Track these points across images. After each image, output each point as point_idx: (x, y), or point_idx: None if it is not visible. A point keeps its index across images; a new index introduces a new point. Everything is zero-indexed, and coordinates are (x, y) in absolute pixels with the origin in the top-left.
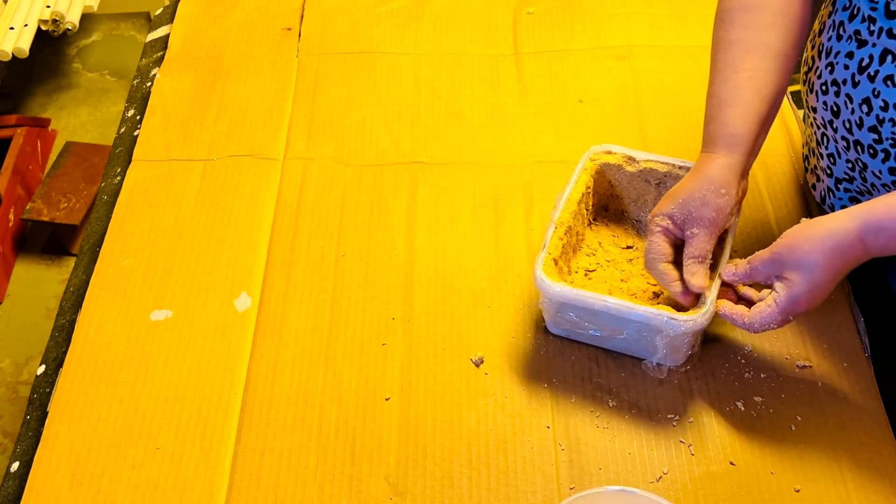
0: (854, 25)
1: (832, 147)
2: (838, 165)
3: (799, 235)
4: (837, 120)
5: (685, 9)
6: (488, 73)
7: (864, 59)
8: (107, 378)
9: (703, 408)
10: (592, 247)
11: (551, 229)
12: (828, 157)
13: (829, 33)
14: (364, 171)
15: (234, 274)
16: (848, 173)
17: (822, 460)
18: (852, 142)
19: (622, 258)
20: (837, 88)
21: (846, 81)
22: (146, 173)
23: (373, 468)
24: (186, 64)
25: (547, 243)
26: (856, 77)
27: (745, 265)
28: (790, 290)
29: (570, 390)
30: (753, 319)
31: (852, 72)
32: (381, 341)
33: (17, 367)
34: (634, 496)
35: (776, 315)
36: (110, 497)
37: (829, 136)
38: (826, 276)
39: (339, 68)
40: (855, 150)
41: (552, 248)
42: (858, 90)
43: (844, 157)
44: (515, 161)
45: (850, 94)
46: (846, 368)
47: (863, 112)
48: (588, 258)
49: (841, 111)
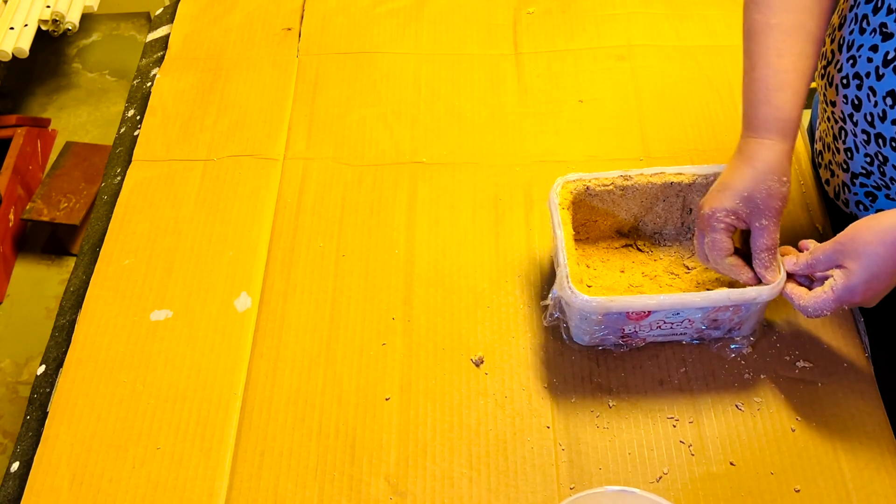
0: (879, 18)
1: (850, 141)
2: (856, 160)
3: (862, 227)
4: (858, 113)
5: (685, 9)
6: (488, 73)
7: (890, 52)
8: (107, 378)
9: (703, 408)
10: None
11: (561, 246)
12: (845, 152)
13: (851, 27)
14: (364, 171)
15: (235, 274)
16: (866, 168)
17: (822, 460)
18: (874, 135)
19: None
20: (860, 81)
21: (869, 74)
22: (146, 173)
23: (373, 468)
24: (186, 64)
25: (565, 260)
26: (880, 70)
27: (808, 256)
28: (848, 279)
29: (570, 390)
30: (808, 303)
31: (876, 64)
32: (381, 341)
33: (17, 367)
34: (634, 496)
35: (831, 302)
36: (110, 497)
37: (847, 131)
38: (885, 269)
39: (339, 68)
40: (876, 143)
41: (571, 263)
42: (882, 83)
43: (863, 151)
44: (515, 161)
45: (874, 86)
46: (846, 368)
47: (886, 105)
48: (588, 270)
49: (863, 104)
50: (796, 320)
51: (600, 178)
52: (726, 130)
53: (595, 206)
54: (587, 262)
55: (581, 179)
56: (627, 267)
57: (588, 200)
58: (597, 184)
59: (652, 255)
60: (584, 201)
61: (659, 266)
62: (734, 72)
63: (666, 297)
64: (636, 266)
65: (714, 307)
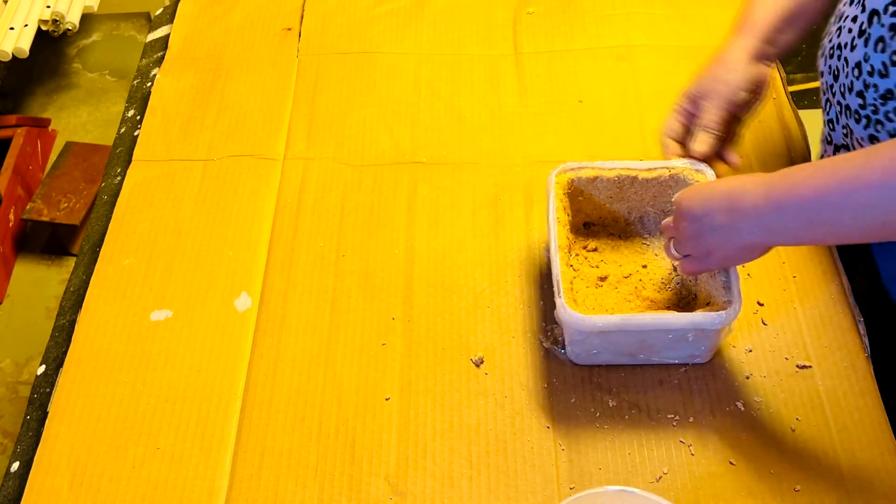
0: None
1: (833, 112)
2: (836, 132)
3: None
4: (836, 84)
5: (685, 9)
6: (488, 73)
7: (865, 22)
8: (107, 378)
9: (703, 408)
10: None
11: (556, 259)
12: (828, 124)
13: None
14: (364, 171)
15: (235, 274)
16: (844, 140)
17: (822, 460)
18: (843, 107)
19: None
20: (840, 52)
21: (846, 45)
22: (146, 173)
23: (373, 468)
24: (186, 64)
25: (559, 280)
26: (854, 41)
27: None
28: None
29: (570, 390)
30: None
31: (853, 35)
32: (381, 341)
33: (17, 367)
34: (634, 496)
35: (683, 264)
36: (110, 497)
37: (831, 102)
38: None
39: (339, 68)
40: (845, 115)
41: (564, 281)
42: (854, 53)
43: (840, 124)
44: (515, 161)
45: (848, 57)
46: (846, 368)
47: (854, 76)
48: (593, 269)
49: (839, 75)
50: (796, 320)
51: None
52: None
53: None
54: (595, 245)
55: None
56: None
57: (588, 189)
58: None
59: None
60: (585, 190)
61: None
62: None
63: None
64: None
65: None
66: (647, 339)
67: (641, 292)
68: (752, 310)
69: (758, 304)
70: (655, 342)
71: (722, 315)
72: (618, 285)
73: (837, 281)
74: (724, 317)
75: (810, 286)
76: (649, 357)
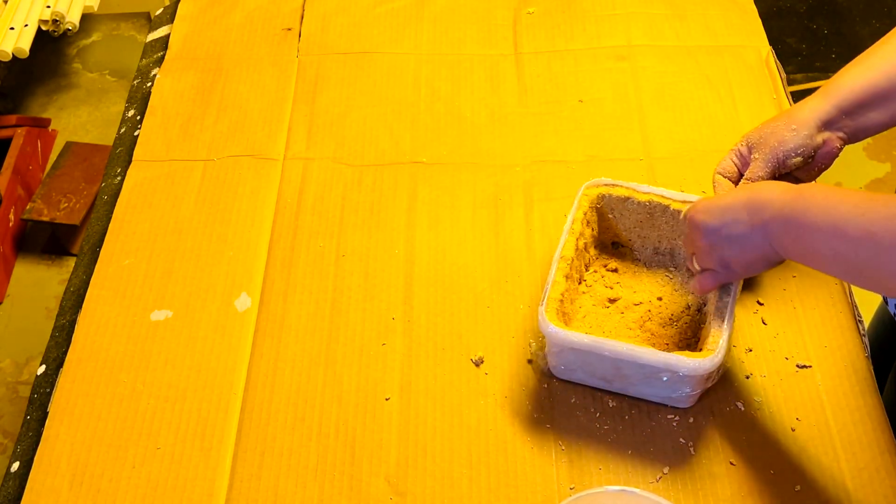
0: None
1: None
2: None
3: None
4: None
5: (685, 9)
6: (488, 73)
7: None
8: (107, 378)
9: (703, 408)
10: (610, 282)
11: (554, 268)
12: None
13: None
14: (364, 171)
15: (234, 274)
16: None
17: (822, 460)
18: None
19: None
20: None
21: None
22: (146, 173)
23: (373, 468)
24: (186, 64)
25: (548, 289)
26: None
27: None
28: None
29: (570, 390)
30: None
31: None
32: (381, 341)
33: (17, 367)
34: (634, 496)
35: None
36: (110, 497)
37: None
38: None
39: (339, 68)
40: None
41: (554, 291)
42: None
43: None
44: (515, 161)
45: None
46: (846, 368)
47: None
48: (606, 290)
49: None
50: (796, 320)
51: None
52: (726, 130)
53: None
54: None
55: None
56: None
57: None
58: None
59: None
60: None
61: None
62: (734, 72)
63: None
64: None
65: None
66: (623, 369)
67: (646, 323)
68: (753, 310)
69: (758, 303)
70: (630, 374)
71: (695, 361)
72: (625, 311)
73: (837, 281)
74: (696, 364)
75: (810, 286)
76: (625, 388)
